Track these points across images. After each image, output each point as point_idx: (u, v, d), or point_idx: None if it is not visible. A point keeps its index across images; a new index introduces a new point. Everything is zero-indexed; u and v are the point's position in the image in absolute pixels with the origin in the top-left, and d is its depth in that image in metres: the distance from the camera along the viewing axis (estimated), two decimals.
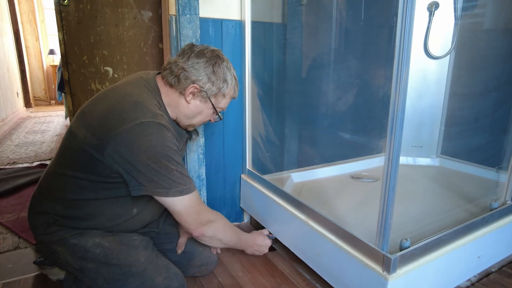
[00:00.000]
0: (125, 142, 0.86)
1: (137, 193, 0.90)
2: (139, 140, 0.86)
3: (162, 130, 0.89)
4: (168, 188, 0.91)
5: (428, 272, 0.94)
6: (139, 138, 0.86)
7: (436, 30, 1.61)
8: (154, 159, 0.87)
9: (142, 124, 0.87)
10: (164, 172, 0.89)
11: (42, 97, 5.84)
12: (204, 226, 1.01)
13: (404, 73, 0.76)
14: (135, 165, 0.86)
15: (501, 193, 1.23)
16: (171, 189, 0.91)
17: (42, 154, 2.78)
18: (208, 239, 1.05)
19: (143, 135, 0.86)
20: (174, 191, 0.91)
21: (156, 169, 0.88)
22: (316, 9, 1.65)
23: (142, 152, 0.86)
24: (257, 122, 1.51)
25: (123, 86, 0.98)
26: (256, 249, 1.25)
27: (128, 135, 0.86)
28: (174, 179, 0.91)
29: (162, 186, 0.90)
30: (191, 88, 0.97)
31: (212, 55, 0.99)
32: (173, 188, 0.91)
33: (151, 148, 0.86)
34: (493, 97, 1.57)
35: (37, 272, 1.20)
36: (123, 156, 0.86)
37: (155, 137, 0.87)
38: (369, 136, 1.84)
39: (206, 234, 1.03)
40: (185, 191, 0.94)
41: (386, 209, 0.83)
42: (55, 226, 0.96)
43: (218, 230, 1.06)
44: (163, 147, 0.88)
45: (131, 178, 0.89)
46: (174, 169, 0.90)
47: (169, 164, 0.89)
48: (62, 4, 1.41)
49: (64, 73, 1.49)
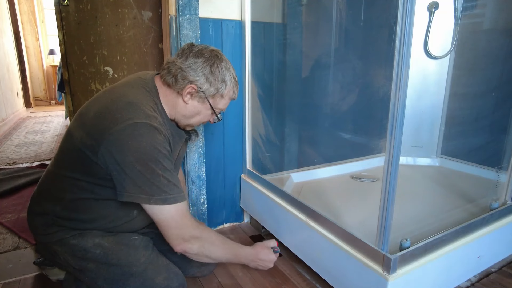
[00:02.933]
0: (117, 143, 0.84)
1: (121, 198, 0.87)
2: (129, 140, 0.84)
3: (154, 132, 0.87)
4: (151, 195, 0.86)
5: (428, 272, 0.94)
6: (129, 138, 0.84)
7: (436, 30, 1.62)
8: (141, 161, 0.84)
9: (134, 124, 0.85)
10: (149, 176, 0.85)
11: (42, 97, 5.84)
12: (187, 243, 0.94)
13: (404, 73, 0.76)
14: (123, 167, 0.84)
15: (501, 193, 1.23)
16: (154, 196, 0.86)
17: (42, 154, 2.78)
18: (194, 255, 0.97)
19: (133, 135, 0.84)
20: (156, 199, 0.87)
21: (141, 172, 0.84)
22: (316, 9, 1.65)
23: (131, 154, 0.83)
24: (257, 122, 1.51)
25: (121, 86, 0.97)
26: (259, 264, 1.16)
27: (120, 135, 0.84)
28: (158, 185, 0.86)
29: (144, 192, 0.86)
30: (188, 88, 0.96)
31: (211, 55, 0.97)
32: (156, 195, 0.86)
33: (140, 149, 0.84)
34: (493, 97, 1.57)
35: (37, 272, 1.20)
36: (113, 156, 0.85)
37: (145, 138, 0.85)
38: (369, 136, 1.84)
39: (189, 251, 0.95)
40: (169, 201, 0.88)
41: (386, 209, 0.83)
42: (55, 227, 0.96)
43: (204, 247, 0.97)
44: (152, 150, 0.85)
45: (117, 181, 0.86)
46: (161, 174, 0.86)
47: (155, 168, 0.85)
48: (62, 4, 1.41)
49: (64, 73, 1.49)
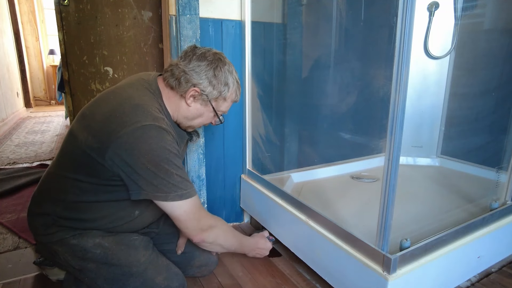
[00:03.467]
0: (126, 146, 0.85)
1: (137, 197, 0.90)
2: (139, 143, 0.86)
3: (162, 133, 0.89)
4: (168, 192, 0.90)
5: (428, 272, 0.94)
6: (139, 141, 0.86)
7: (436, 30, 1.62)
8: (153, 163, 0.86)
9: (143, 127, 0.86)
10: (164, 176, 0.88)
11: (42, 97, 5.85)
12: (205, 232, 1.00)
13: (404, 73, 0.76)
14: (135, 169, 0.86)
15: (501, 193, 1.23)
16: (170, 193, 0.90)
17: (42, 154, 2.78)
18: (209, 244, 1.04)
19: (143, 138, 0.86)
20: (173, 195, 0.90)
21: (155, 173, 0.87)
22: (316, 9, 1.65)
23: (142, 156, 0.85)
24: (257, 122, 1.51)
25: (125, 88, 0.97)
26: (258, 252, 1.26)
27: (129, 138, 0.85)
28: (174, 183, 0.90)
29: (161, 190, 0.89)
30: (191, 91, 0.97)
31: (214, 58, 0.98)
32: (172, 192, 0.90)
33: (151, 151, 0.86)
34: (493, 97, 1.57)
35: (37, 272, 1.20)
36: (123, 159, 0.86)
37: (155, 141, 0.87)
38: (369, 136, 1.84)
39: (206, 240, 1.02)
40: (185, 196, 0.92)
41: (386, 209, 0.83)
42: (55, 227, 0.96)
43: (219, 236, 1.05)
44: (163, 151, 0.88)
45: (131, 181, 0.88)
46: (174, 172, 0.89)
47: (169, 168, 0.88)
48: (62, 4, 1.41)
49: (64, 73, 1.49)
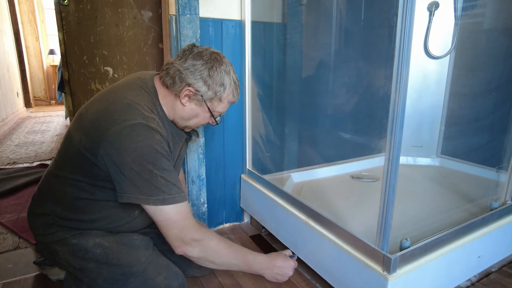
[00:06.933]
0: (114, 144, 0.84)
1: (121, 200, 0.86)
2: (126, 141, 0.84)
3: (151, 132, 0.86)
4: (149, 195, 0.85)
5: (428, 272, 0.94)
6: (126, 139, 0.84)
7: (436, 30, 1.62)
8: (137, 162, 0.83)
9: (131, 125, 0.85)
10: (147, 177, 0.84)
11: (42, 97, 5.84)
12: (187, 246, 0.91)
13: (404, 73, 0.76)
14: (121, 169, 0.84)
15: (501, 193, 1.23)
16: (152, 197, 0.85)
17: (42, 154, 2.78)
18: (196, 259, 0.94)
19: (131, 136, 0.84)
20: (154, 199, 0.85)
21: (138, 173, 0.84)
22: (316, 9, 1.65)
23: (128, 155, 0.83)
24: (257, 122, 1.51)
25: (119, 87, 0.96)
26: (278, 272, 1.07)
27: (117, 136, 0.84)
28: (157, 185, 0.85)
29: (143, 193, 0.85)
30: (186, 90, 0.95)
31: (210, 57, 0.95)
32: (154, 195, 0.85)
33: (137, 149, 0.83)
34: (493, 97, 1.57)
35: (37, 272, 1.20)
36: (112, 158, 0.84)
37: (142, 139, 0.85)
38: (369, 136, 1.84)
39: (190, 255, 0.92)
40: (168, 201, 0.86)
41: (386, 209, 0.83)
42: (55, 227, 0.96)
43: (206, 251, 0.94)
44: (150, 150, 0.85)
45: (117, 183, 0.86)
46: (158, 174, 0.85)
47: (152, 168, 0.85)
48: (62, 4, 1.41)
49: (64, 73, 1.49)
